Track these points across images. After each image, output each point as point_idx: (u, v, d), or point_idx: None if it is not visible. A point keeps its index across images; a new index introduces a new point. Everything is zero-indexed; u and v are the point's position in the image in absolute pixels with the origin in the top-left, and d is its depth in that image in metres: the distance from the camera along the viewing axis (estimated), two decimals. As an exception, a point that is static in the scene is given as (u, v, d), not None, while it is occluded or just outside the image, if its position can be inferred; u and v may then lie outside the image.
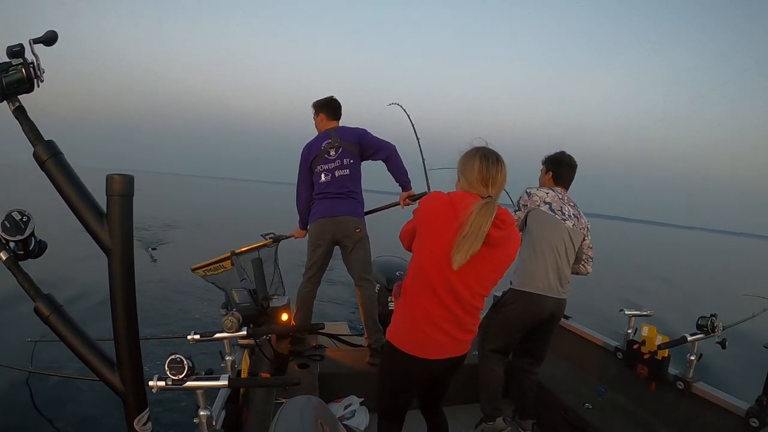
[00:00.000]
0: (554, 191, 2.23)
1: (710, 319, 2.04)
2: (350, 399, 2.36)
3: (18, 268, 0.63)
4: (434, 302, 1.39)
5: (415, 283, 1.43)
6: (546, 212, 2.15)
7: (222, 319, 1.42)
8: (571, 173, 2.31)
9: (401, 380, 1.55)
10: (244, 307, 1.58)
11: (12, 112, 0.61)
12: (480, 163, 1.38)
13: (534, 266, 2.12)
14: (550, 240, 2.12)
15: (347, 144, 2.63)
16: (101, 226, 0.63)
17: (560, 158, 2.30)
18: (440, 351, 1.45)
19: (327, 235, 2.62)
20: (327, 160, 2.63)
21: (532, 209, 2.18)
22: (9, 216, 0.62)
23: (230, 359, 1.61)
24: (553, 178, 2.30)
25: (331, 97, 2.75)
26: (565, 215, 2.17)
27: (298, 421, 0.86)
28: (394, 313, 1.54)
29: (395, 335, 1.49)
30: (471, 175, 1.39)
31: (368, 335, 2.66)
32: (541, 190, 2.24)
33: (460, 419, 2.44)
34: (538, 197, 2.19)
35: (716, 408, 1.94)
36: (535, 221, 2.17)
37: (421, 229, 1.42)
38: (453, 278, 1.35)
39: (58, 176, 0.62)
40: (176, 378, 1.06)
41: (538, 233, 2.14)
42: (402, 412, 1.63)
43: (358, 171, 2.68)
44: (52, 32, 0.60)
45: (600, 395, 2.38)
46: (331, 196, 2.62)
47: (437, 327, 1.41)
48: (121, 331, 0.66)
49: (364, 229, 2.66)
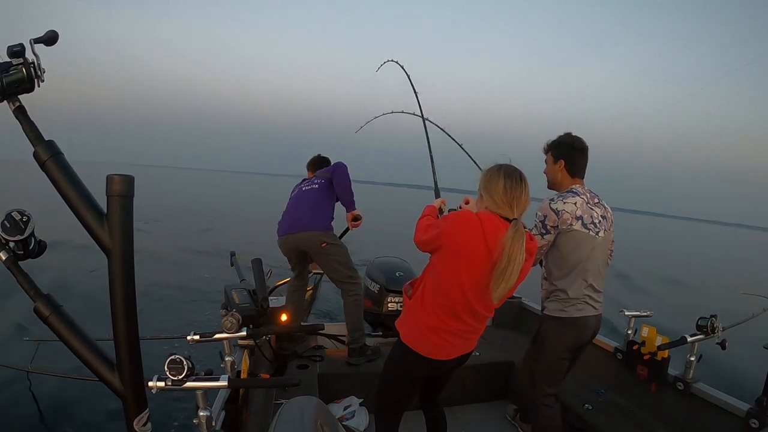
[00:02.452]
0: (579, 195, 1.85)
1: (710, 319, 2.04)
2: (350, 399, 2.36)
3: (18, 268, 0.63)
4: (454, 319, 1.45)
5: (437, 297, 1.45)
6: (580, 231, 1.81)
7: (222, 320, 1.43)
8: (584, 158, 1.92)
9: (411, 379, 1.61)
10: (243, 307, 1.58)
11: (12, 112, 0.61)
12: (505, 182, 1.39)
13: (569, 287, 1.86)
14: (585, 259, 1.84)
15: (320, 173, 2.79)
16: (101, 226, 0.63)
17: (570, 141, 1.90)
18: (453, 352, 1.53)
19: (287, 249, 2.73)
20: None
21: (563, 231, 1.83)
22: (9, 216, 0.62)
23: (230, 360, 1.61)
24: (567, 167, 1.91)
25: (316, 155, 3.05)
26: (597, 226, 1.86)
27: (298, 421, 0.86)
28: (409, 314, 1.55)
29: (411, 339, 1.51)
30: (496, 195, 1.40)
31: (348, 334, 2.67)
32: (567, 200, 1.83)
33: (460, 419, 2.44)
34: (569, 213, 1.81)
35: (716, 409, 1.94)
36: (567, 242, 1.84)
37: (450, 250, 1.40)
38: (474, 301, 1.41)
39: (58, 176, 0.62)
40: (176, 378, 1.06)
41: (570, 254, 1.84)
42: (403, 408, 1.66)
43: (330, 190, 2.70)
44: (52, 32, 0.60)
45: (600, 396, 2.38)
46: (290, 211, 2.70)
47: (454, 335, 1.48)
48: (121, 332, 0.66)
49: (330, 240, 2.64)
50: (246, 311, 1.53)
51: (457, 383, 2.48)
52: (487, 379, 2.68)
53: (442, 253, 1.42)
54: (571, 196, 1.85)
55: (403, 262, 3.34)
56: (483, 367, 2.63)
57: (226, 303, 1.73)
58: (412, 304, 1.53)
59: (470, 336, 1.53)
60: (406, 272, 3.13)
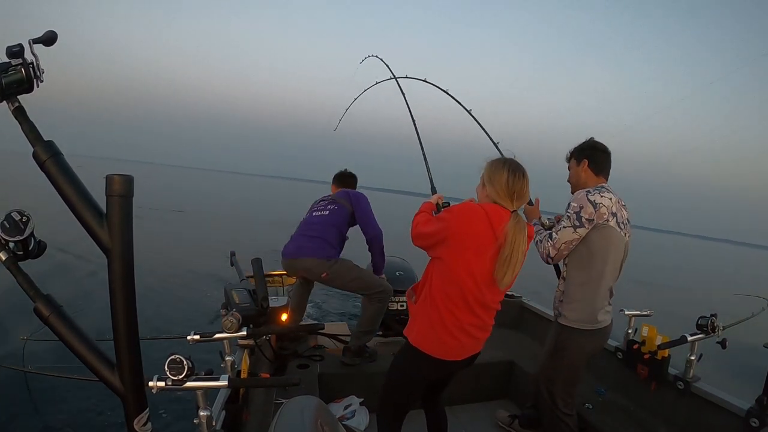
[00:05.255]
0: (612, 192, 1.77)
1: (710, 319, 2.04)
2: (350, 399, 2.36)
3: (18, 269, 0.63)
4: (466, 311, 1.46)
5: (447, 289, 1.45)
6: (615, 229, 1.71)
7: (222, 320, 1.42)
8: (608, 159, 1.87)
9: (421, 381, 1.61)
10: (243, 307, 1.57)
11: (11, 112, 0.61)
12: (508, 175, 1.44)
13: (592, 295, 1.76)
14: (615, 261, 1.76)
15: (339, 198, 2.69)
16: (101, 226, 0.63)
17: (592, 143, 1.88)
18: (464, 352, 1.54)
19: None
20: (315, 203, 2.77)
21: (599, 225, 1.70)
22: (8, 216, 0.62)
23: (230, 359, 1.61)
24: (591, 166, 1.84)
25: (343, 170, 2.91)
26: (624, 227, 1.78)
27: (298, 421, 0.86)
28: (418, 316, 1.54)
29: (422, 340, 1.51)
30: (498, 186, 1.45)
31: (353, 334, 2.64)
32: (604, 194, 1.73)
33: (460, 419, 2.45)
34: (606, 208, 1.70)
35: (716, 408, 1.94)
36: (600, 239, 1.72)
37: (458, 241, 1.42)
38: (486, 291, 1.44)
39: (58, 176, 0.62)
40: (176, 378, 1.06)
41: (600, 254, 1.73)
42: (407, 410, 1.66)
43: (341, 217, 2.62)
44: (51, 32, 0.60)
45: (600, 395, 2.38)
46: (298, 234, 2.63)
47: (466, 332, 1.48)
48: (121, 332, 0.66)
49: (331, 268, 2.55)
50: (246, 311, 1.53)
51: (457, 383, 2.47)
52: (487, 379, 2.68)
53: (448, 245, 1.43)
54: (605, 191, 1.75)
55: (404, 261, 3.33)
56: (483, 366, 2.62)
57: (226, 303, 1.73)
58: (420, 306, 1.53)
59: (480, 334, 1.54)
60: (407, 272, 3.13)
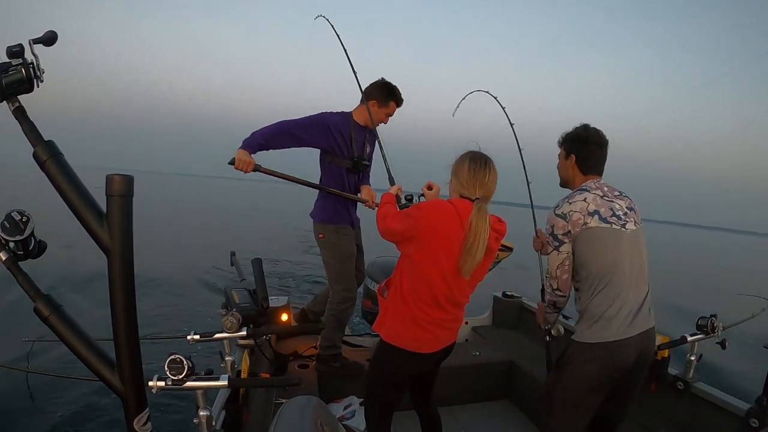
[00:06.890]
0: (589, 191, 1.61)
1: (710, 319, 2.04)
2: (350, 399, 2.36)
3: (18, 269, 0.63)
4: (436, 308, 1.49)
5: (418, 288, 1.48)
6: (599, 227, 1.53)
7: (222, 320, 1.43)
8: (600, 154, 1.68)
9: (401, 376, 1.63)
10: (243, 307, 1.57)
11: (12, 112, 0.61)
12: (469, 165, 1.48)
13: (602, 305, 1.52)
14: (616, 262, 1.54)
15: None
16: (101, 226, 0.63)
17: (583, 134, 1.67)
18: (437, 344, 1.56)
19: None
20: None
21: (578, 234, 1.55)
22: (9, 216, 0.62)
23: (230, 359, 1.61)
24: (578, 163, 1.68)
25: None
26: (621, 218, 1.57)
27: (298, 421, 0.86)
28: (389, 312, 1.56)
29: (395, 336, 1.54)
30: (462, 176, 1.49)
31: (321, 340, 2.47)
32: (573, 200, 1.59)
33: (460, 419, 2.44)
34: (578, 213, 1.55)
35: (716, 408, 1.94)
36: (587, 247, 1.55)
37: (427, 239, 1.43)
38: (454, 287, 1.47)
39: (58, 176, 0.62)
40: (176, 378, 1.06)
41: (595, 260, 1.54)
42: (393, 408, 1.68)
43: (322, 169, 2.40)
44: (51, 32, 0.60)
45: None
46: None
47: (438, 326, 1.52)
48: (121, 332, 0.66)
49: (323, 234, 2.39)
50: (246, 311, 1.53)
51: (457, 383, 2.48)
52: (487, 379, 2.68)
53: (418, 244, 1.45)
54: (578, 193, 1.62)
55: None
56: (483, 367, 2.63)
57: (226, 303, 1.73)
58: (390, 302, 1.56)
59: (453, 325, 1.59)
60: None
